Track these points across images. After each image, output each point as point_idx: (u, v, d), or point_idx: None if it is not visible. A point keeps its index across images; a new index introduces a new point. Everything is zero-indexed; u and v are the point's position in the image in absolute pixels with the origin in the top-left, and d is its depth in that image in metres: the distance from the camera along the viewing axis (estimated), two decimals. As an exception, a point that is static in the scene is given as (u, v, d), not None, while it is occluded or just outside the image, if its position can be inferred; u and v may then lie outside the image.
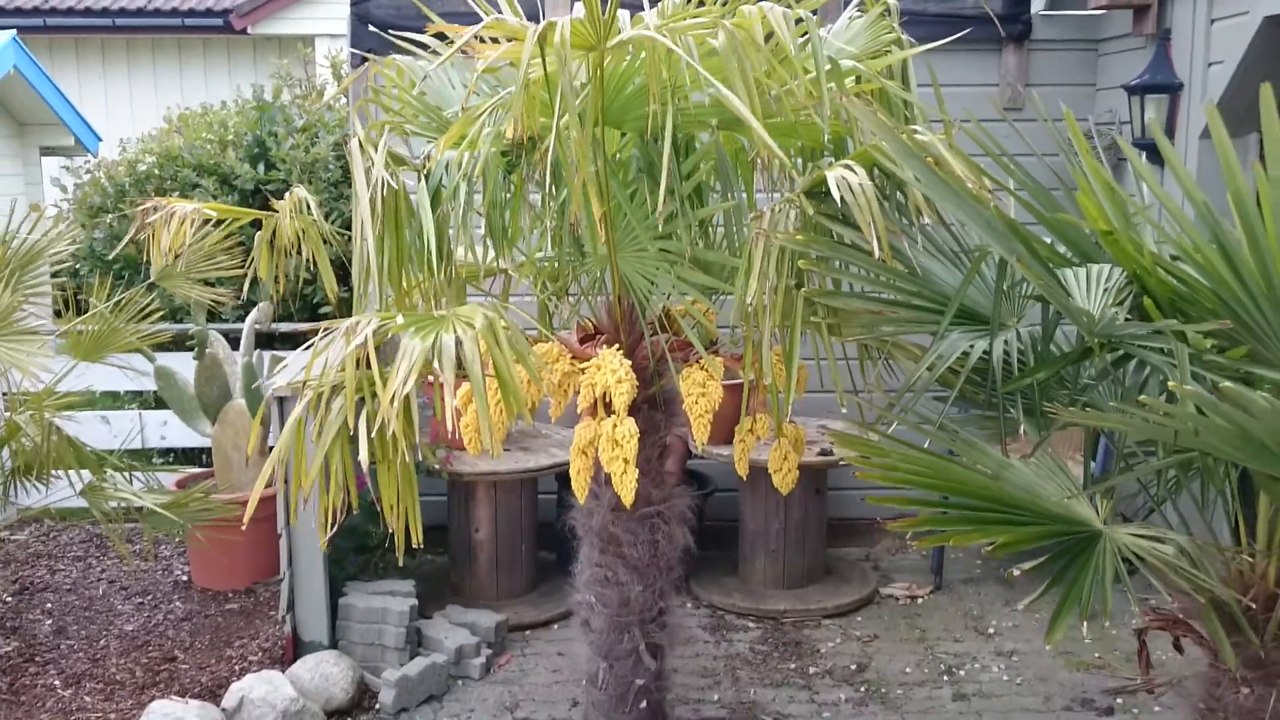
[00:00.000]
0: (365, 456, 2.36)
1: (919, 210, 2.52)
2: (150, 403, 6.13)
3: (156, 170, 6.23)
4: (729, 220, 3.15)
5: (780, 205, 2.63)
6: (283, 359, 4.80)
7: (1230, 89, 4.19)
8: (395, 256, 2.81)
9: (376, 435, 2.41)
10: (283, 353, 5.04)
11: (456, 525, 4.78)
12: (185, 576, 5.01)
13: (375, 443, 2.42)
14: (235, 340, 5.00)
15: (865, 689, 4.10)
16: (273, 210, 3.02)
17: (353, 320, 2.52)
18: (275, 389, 3.85)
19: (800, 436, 3.21)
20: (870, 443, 2.50)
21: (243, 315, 5.06)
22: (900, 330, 2.56)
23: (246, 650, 4.28)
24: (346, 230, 3.29)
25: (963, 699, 4.03)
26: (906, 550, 5.42)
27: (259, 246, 3.02)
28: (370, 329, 2.46)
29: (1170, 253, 2.23)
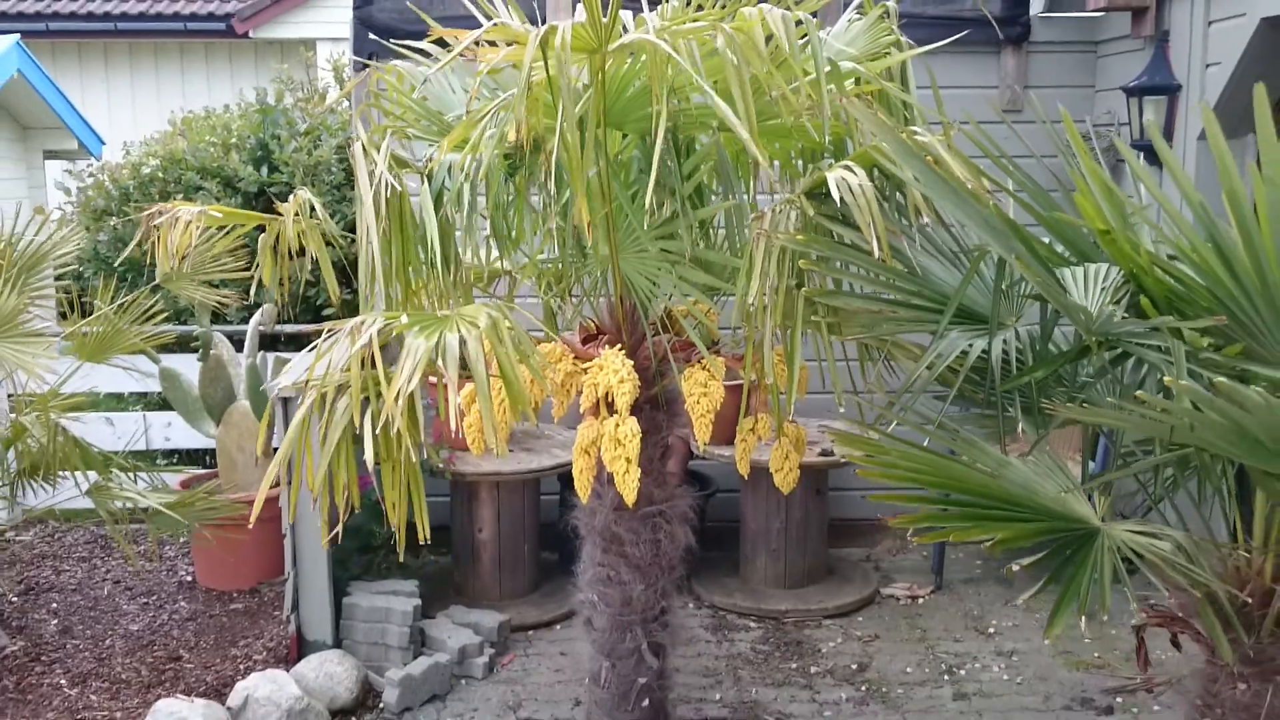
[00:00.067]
0: (370, 455, 2.38)
1: (918, 210, 2.55)
2: (155, 404, 6.16)
3: (160, 173, 6.27)
4: (730, 221, 3.17)
5: (781, 206, 2.65)
6: (287, 360, 4.83)
7: (1228, 90, 4.21)
8: (401, 258, 2.84)
9: (381, 433, 2.43)
10: (286, 354, 5.06)
11: (459, 525, 4.80)
12: (190, 577, 5.03)
13: (380, 440, 2.44)
14: (239, 342, 5.02)
15: (866, 688, 4.12)
16: (276, 213, 3.03)
17: (357, 320, 2.54)
18: (280, 390, 3.87)
19: (801, 436, 3.22)
20: (870, 441, 2.52)
21: (247, 317, 5.09)
22: (900, 329, 2.58)
23: (251, 650, 4.30)
24: (349, 233, 3.31)
25: (963, 698, 4.05)
26: (907, 551, 5.44)
27: (263, 251, 3.03)
28: (375, 328, 2.47)
29: (1168, 253, 2.25)
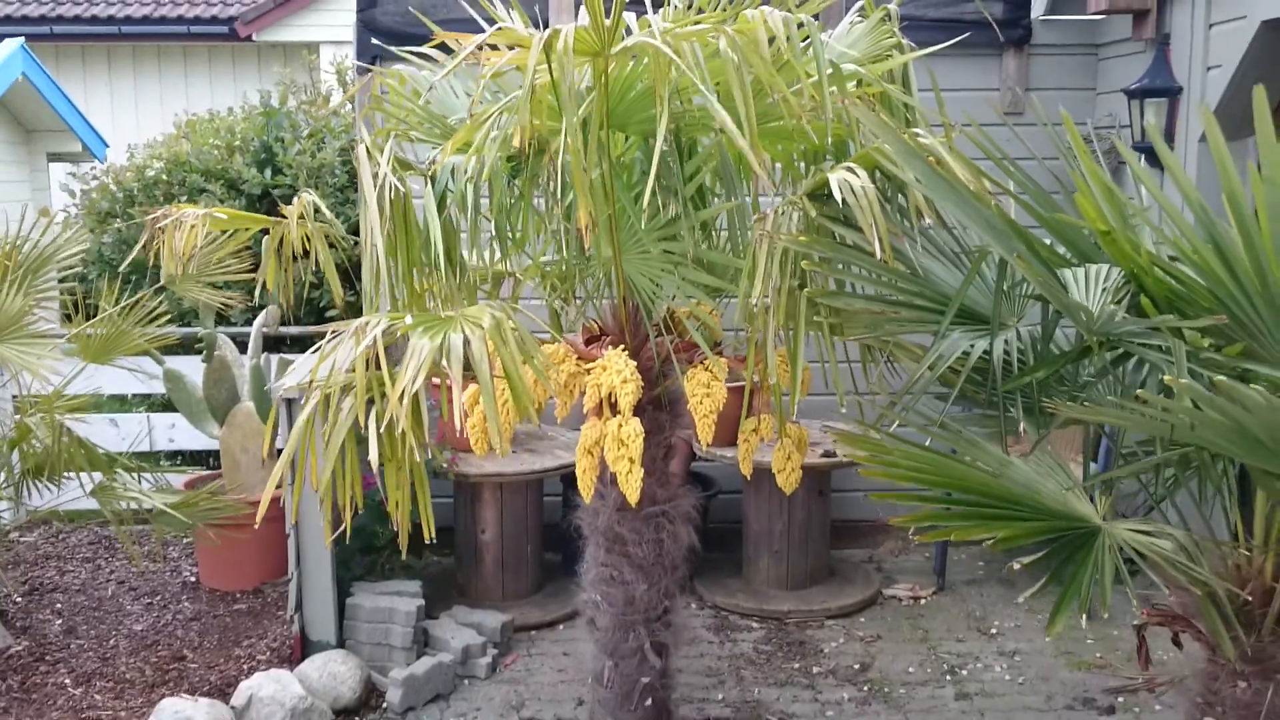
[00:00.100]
0: (375, 455, 2.39)
1: (920, 212, 2.56)
2: (158, 406, 6.18)
3: (164, 176, 6.29)
4: (732, 223, 3.18)
5: (783, 207, 2.67)
6: (290, 361, 4.85)
7: (1229, 93, 4.22)
8: (407, 260, 2.85)
9: (385, 433, 2.44)
10: (290, 356, 5.08)
11: (463, 527, 4.81)
12: (193, 577, 5.04)
13: (384, 440, 2.45)
14: (243, 343, 5.04)
15: (868, 688, 4.13)
16: (281, 215, 3.04)
17: (362, 320, 2.55)
18: (284, 390, 3.88)
19: (804, 437, 3.23)
20: (872, 441, 2.53)
21: (251, 318, 5.11)
22: (902, 330, 2.59)
23: (255, 650, 4.32)
24: (352, 235, 3.33)
25: (965, 698, 4.05)
26: (909, 552, 5.45)
27: (267, 254, 3.04)
28: (379, 329, 2.49)
29: (1169, 253, 2.26)
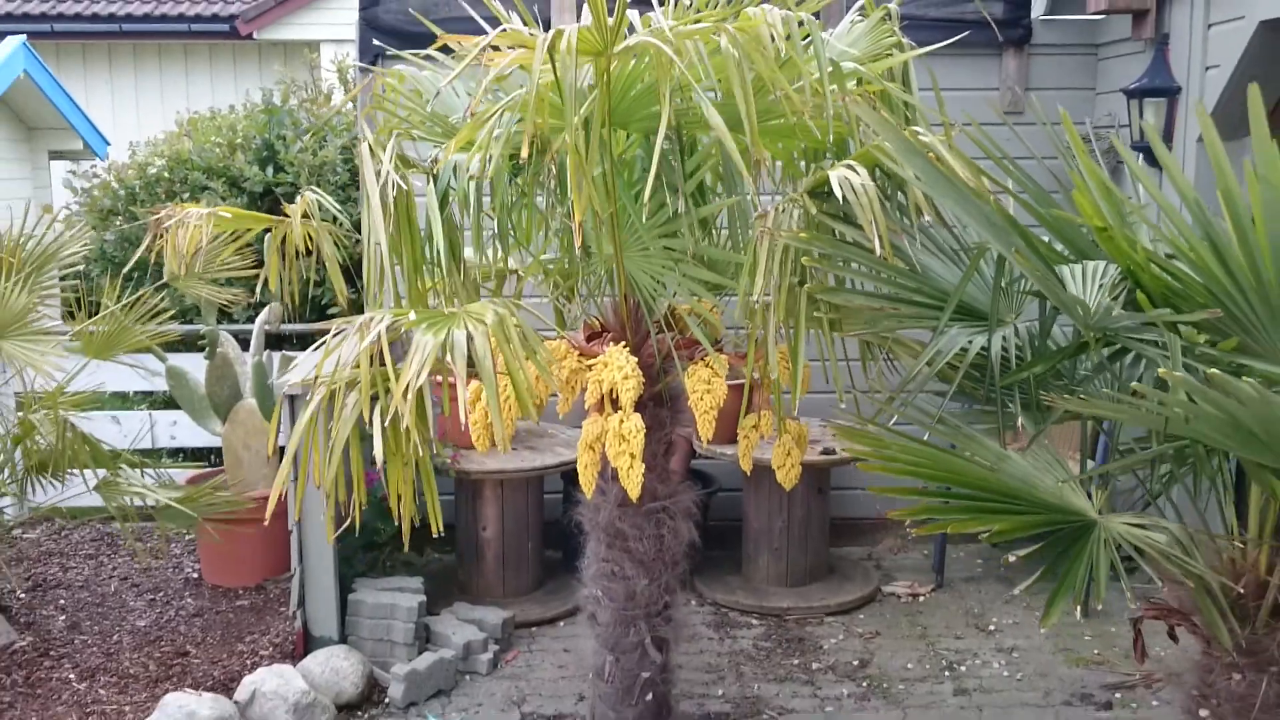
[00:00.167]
0: (380, 451, 2.41)
1: (919, 209, 2.58)
2: (159, 403, 6.20)
3: (166, 173, 6.31)
4: (733, 220, 3.20)
5: (784, 205, 2.69)
6: (293, 358, 4.87)
7: (1227, 92, 4.24)
8: (410, 258, 2.87)
9: (390, 428, 2.46)
10: (292, 353, 5.10)
11: (464, 524, 4.84)
12: (196, 574, 5.07)
13: (389, 435, 2.47)
14: (244, 341, 5.06)
15: (867, 684, 4.16)
16: (283, 213, 3.06)
17: (366, 316, 2.57)
18: (288, 387, 3.90)
19: (803, 433, 3.25)
20: (871, 435, 2.55)
21: (253, 316, 5.13)
22: (901, 326, 2.62)
23: (257, 645, 4.34)
24: (354, 232, 3.35)
25: (964, 694, 4.08)
26: (908, 549, 5.47)
27: (270, 252, 3.06)
28: (383, 325, 2.51)
29: (1166, 251, 2.29)
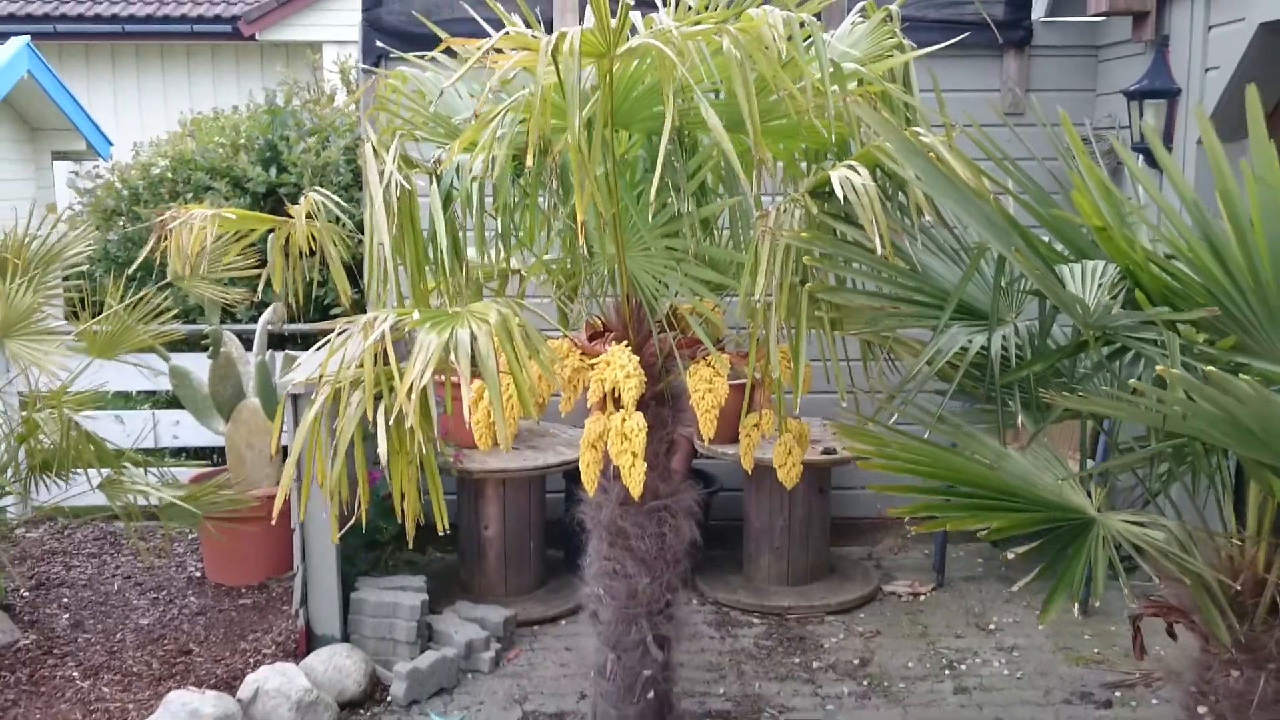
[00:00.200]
0: (384, 450, 2.42)
1: (920, 209, 2.60)
2: (162, 403, 6.22)
3: (170, 174, 6.33)
4: (735, 220, 3.22)
5: (785, 204, 2.71)
6: (295, 358, 4.89)
7: (1227, 94, 4.25)
8: (414, 257, 2.89)
9: (394, 427, 2.48)
10: (295, 353, 5.11)
11: (466, 523, 4.85)
12: (199, 572, 5.08)
13: (393, 434, 2.49)
14: (248, 340, 5.07)
15: (868, 683, 4.17)
16: (286, 214, 3.08)
17: (370, 316, 2.59)
18: (292, 386, 3.91)
19: (804, 432, 3.27)
20: (872, 434, 2.57)
21: (256, 315, 5.15)
22: (901, 325, 2.63)
23: (260, 644, 4.35)
24: (357, 232, 3.36)
25: (964, 692, 4.09)
26: (909, 549, 5.49)
27: (273, 253, 3.08)
28: (387, 324, 2.53)
29: (1165, 251, 2.30)
